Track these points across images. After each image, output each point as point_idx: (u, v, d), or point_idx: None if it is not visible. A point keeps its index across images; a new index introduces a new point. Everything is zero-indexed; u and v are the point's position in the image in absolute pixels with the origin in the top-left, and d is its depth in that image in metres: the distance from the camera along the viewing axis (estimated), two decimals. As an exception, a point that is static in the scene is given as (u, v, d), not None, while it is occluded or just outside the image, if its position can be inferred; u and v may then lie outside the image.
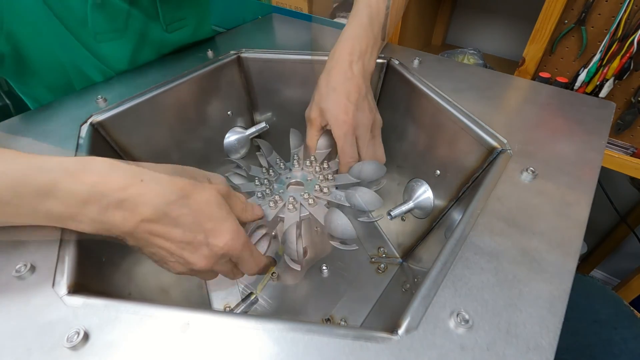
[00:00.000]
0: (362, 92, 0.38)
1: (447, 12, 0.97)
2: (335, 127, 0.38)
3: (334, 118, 0.38)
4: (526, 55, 0.67)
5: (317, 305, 0.46)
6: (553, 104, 0.41)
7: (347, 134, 0.37)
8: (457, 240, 0.26)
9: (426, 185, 0.45)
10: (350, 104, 0.37)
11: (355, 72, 0.39)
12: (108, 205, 0.23)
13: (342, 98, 0.37)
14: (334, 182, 0.38)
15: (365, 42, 0.40)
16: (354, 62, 0.39)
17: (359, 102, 0.38)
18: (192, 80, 0.46)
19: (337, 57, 0.39)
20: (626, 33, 0.57)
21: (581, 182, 0.31)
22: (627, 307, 0.53)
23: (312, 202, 0.35)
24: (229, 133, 0.54)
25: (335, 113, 0.37)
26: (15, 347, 0.20)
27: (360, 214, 0.35)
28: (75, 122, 0.38)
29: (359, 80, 0.39)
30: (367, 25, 0.41)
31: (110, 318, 0.22)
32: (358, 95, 0.38)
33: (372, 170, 0.37)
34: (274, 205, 0.35)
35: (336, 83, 0.38)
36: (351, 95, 0.38)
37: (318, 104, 0.40)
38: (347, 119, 0.37)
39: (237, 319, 0.22)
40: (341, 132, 0.37)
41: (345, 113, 0.37)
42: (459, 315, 0.21)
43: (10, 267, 0.24)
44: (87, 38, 0.43)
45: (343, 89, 0.38)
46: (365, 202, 0.34)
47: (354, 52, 0.39)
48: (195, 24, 0.53)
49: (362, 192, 0.34)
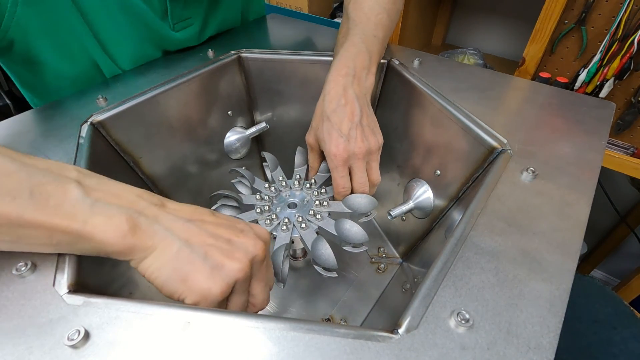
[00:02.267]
0: (355, 120, 0.37)
1: (447, 12, 0.98)
2: (328, 159, 0.38)
3: (326, 151, 0.38)
4: (526, 55, 0.67)
5: (317, 305, 0.46)
6: (553, 104, 0.41)
7: (338, 166, 0.38)
8: (457, 240, 0.26)
9: (426, 185, 0.45)
10: (341, 138, 0.37)
11: (350, 96, 0.38)
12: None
13: (334, 130, 0.37)
14: (328, 209, 0.39)
15: (361, 61, 0.40)
16: (348, 86, 0.38)
17: (350, 133, 0.37)
18: (192, 80, 0.46)
19: (331, 81, 0.39)
20: (626, 33, 0.57)
21: (581, 182, 0.31)
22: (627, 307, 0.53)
23: (304, 225, 0.37)
24: (229, 133, 0.54)
25: (328, 146, 0.37)
26: (16, 345, 0.21)
27: (345, 244, 0.37)
28: (75, 122, 0.38)
29: (353, 106, 0.38)
30: (359, 43, 0.41)
31: (110, 317, 0.22)
32: (350, 125, 0.37)
33: (364, 204, 0.39)
34: (270, 222, 0.37)
35: (330, 111, 0.38)
36: (343, 126, 0.37)
37: (314, 131, 0.40)
38: (337, 152, 0.37)
39: (237, 318, 0.22)
40: (332, 165, 0.38)
41: (336, 146, 0.37)
42: (459, 314, 0.21)
43: (10, 266, 0.24)
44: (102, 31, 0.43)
45: (336, 118, 0.37)
46: (352, 234, 0.36)
47: (348, 74, 0.39)
48: (201, 23, 0.53)
49: (350, 225, 0.36)
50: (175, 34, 0.50)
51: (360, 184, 0.39)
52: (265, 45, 0.53)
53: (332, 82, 0.39)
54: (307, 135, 0.42)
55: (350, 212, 0.39)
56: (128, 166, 0.42)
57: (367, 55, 0.40)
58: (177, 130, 0.47)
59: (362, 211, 0.39)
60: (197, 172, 0.51)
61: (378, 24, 0.43)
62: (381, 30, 0.44)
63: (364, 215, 0.41)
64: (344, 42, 0.41)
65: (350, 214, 0.39)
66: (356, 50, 0.40)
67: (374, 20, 0.43)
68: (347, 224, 0.36)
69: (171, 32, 0.49)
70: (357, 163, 0.38)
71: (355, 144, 0.37)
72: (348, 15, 0.44)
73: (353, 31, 0.42)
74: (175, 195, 0.49)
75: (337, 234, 0.36)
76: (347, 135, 0.37)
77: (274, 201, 0.40)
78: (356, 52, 0.40)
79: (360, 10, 0.44)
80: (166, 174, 0.47)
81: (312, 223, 0.38)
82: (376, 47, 0.42)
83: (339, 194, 0.39)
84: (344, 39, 0.42)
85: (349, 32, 0.42)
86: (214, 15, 0.55)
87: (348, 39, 0.41)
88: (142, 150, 0.43)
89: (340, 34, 0.45)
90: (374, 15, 0.43)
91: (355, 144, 0.37)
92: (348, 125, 0.37)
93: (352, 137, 0.37)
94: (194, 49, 0.54)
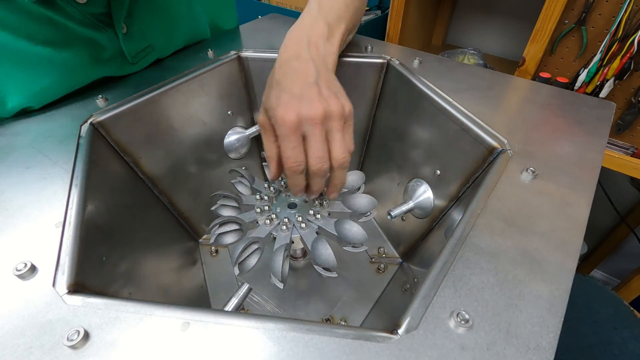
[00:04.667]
0: (309, 80, 0.32)
1: (447, 12, 0.98)
2: (276, 128, 0.31)
3: (274, 117, 0.31)
4: (526, 55, 0.67)
5: (317, 305, 0.46)
6: (553, 104, 0.41)
7: (289, 134, 0.31)
8: (457, 240, 0.26)
9: (426, 185, 0.45)
10: (292, 100, 0.31)
11: (303, 58, 0.33)
12: None
13: (284, 93, 0.31)
14: (328, 209, 0.39)
15: (317, 29, 0.37)
16: (303, 50, 0.34)
17: (304, 93, 0.31)
18: (192, 80, 0.46)
19: (284, 49, 0.35)
20: (626, 33, 0.57)
21: (581, 182, 0.31)
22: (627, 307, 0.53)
23: (304, 225, 0.37)
24: (229, 133, 0.54)
25: (275, 111, 0.31)
26: (16, 345, 0.21)
27: (345, 244, 0.37)
28: (75, 122, 0.38)
29: (307, 66, 0.33)
30: (316, 14, 0.38)
31: (110, 317, 0.22)
32: (303, 85, 0.31)
33: (363, 204, 0.39)
34: (270, 222, 0.37)
35: (280, 75, 0.33)
36: (295, 87, 0.31)
37: (263, 104, 0.34)
38: (286, 115, 0.30)
39: (237, 318, 0.22)
40: (281, 132, 0.31)
41: (284, 109, 0.30)
42: (459, 315, 0.21)
43: (10, 266, 0.24)
44: None
45: (287, 81, 0.32)
46: (352, 234, 0.35)
47: (302, 40, 0.35)
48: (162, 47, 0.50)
49: (350, 225, 0.36)
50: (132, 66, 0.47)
51: (316, 158, 0.31)
52: (265, 45, 0.53)
53: (282, 48, 0.35)
54: (258, 115, 0.35)
55: (350, 212, 0.39)
56: (128, 166, 0.42)
57: (323, 24, 0.37)
58: (177, 130, 0.47)
59: (362, 211, 0.39)
60: (197, 172, 0.51)
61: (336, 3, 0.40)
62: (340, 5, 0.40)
63: (364, 215, 0.41)
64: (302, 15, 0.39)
65: (350, 214, 0.39)
66: (312, 20, 0.37)
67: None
68: (347, 224, 0.36)
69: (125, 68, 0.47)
70: (313, 130, 0.31)
71: (309, 105, 0.30)
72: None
73: (311, 4, 0.39)
74: (175, 195, 0.49)
75: (337, 233, 0.36)
76: (300, 96, 0.31)
77: (274, 201, 0.40)
78: (312, 21, 0.37)
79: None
80: (166, 174, 0.47)
81: (312, 223, 0.38)
82: (335, 16, 0.39)
83: (291, 171, 0.32)
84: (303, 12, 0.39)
85: (308, 6, 0.40)
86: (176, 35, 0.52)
87: (305, 10, 0.39)
88: (142, 150, 0.43)
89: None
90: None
91: (310, 105, 0.30)
92: (300, 85, 0.32)
93: (305, 97, 0.31)
94: (193, 49, 0.54)
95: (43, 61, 0.39)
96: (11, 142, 0.36)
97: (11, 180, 0.32)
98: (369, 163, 0.58)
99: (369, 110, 0.53)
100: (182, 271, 0.45)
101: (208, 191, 0.53)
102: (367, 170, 0.58)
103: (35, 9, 0.36)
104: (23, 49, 0.37)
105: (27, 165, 0.33)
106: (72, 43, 0.40)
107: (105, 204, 0.33)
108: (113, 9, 0.41)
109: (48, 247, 0.26)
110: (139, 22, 0.45)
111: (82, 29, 0.40)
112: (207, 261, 0.51)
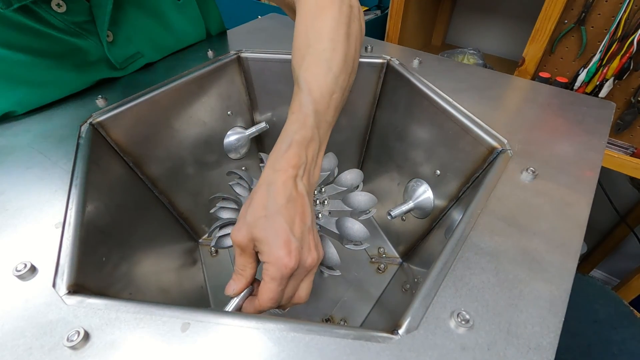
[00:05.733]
0: (307, 222, 0.30)
1: (447, 12, 0.98)
2: (269, 267, 0.29)
3: (271, 255, 0.28)
4: (526, 55, 0.67)
5: (317, 305, 0.46)
6: (553, 104, 0.41)
7: (283, 278, 0.29)
8: (457, 240, 0.26)
9: (426, 185, 0.45)
10: (294, 241, 0.28)
11: (300, 192, 0.31)
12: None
13: (283, 231, 0.28)
14: (328, 208, 0.39)
15: (312, 150, 0.33)
16: (299, 177, 0.31)
17: (304, 238, 0.30)
18: (192, 80, 0.46)
19: (280, 170, 0.31)
20: (626, 33, 0.57)
21: (581, 182, 0.31)
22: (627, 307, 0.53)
23: None
24: (229, 133, 0.54)
25: (274, 250, 0.28)
26: (16, 346, 0.20)
27: (347, 242, 0.37)
28: (75, 122, 0.38)
29: (304, 202, 0.31)
30: (313, 126, 0.34)
31: (110, 318, 0.22)
32: (303, 227, 0.30)
33: (363, 202, 0.39)
34: None
35: (279, 206, 0.29)
36: (296, 227, 0.29)
37: (250, 228, 0.29)
38: (289, 260, 0.28)
39: (237, 318, 0.22)
40: (275, 274, 0.28)
41: (287, 252, 0.28)
42: (459, 315, 0.21)
43: (10, 267, 0.24)
44: None
45: (287, 216, 0.29)
46: (353, 232, 0.35)
47: (299, 165, 0.31)
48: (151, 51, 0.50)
49: (351, 223, 0.36)
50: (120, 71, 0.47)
51: (288, 298, 0.31)
52: (265, 45, 0.53)
53: (280, 171, 0.31)
54: (236, 232, 0.30)
55: (350, 210, 0.39)
56: (128, 166, 0.42)
57: (317, 144, 0.34)
58: (177, 131, 0.47)
59: (362, 209, 0.39)
60: (197, 172, 0.51)
61: (331, 105, 0.36)
62: (333, 112, 0.37)
63: (364, 213, 0.41)
64: (295, 121, 0.34)
65: (350, 212, 0.39)
66: (309, 137, 0.33)
67: (328, 99, 0.36)
68: (348, 222, 0.36)
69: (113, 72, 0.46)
70: (300, 276, 0.31)
71: (308, 252, 0.30)
72: (299, 83, 0.36)
73: (306, 109, 0.34)
74: (175, 195, 0.49)
75: (338, 232, 0.36)
76: (301, 239, 0.29)
77: None
78: (309, 139, 0.33)
79: (314, 81, 0.36)
80: (166, 174, 0.47)
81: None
82: (326, 134, 0.36)
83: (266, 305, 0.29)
84: (296, 115, 0.35)
85: (301, 107, 0.35)
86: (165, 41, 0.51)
87: (300, 117, 0.34)
88: (142, 151, 0.43)
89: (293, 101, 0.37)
90: (329, 94, 0.36)
91: (309, 253, 0.30)
92: (301, 227, 0.30)
93: (305, 242, 0.30)
94: (193, 49, 0.54)
95: (26, 69, 0.39)
96: (11, 142, 0.36)
97: (11, 180, 0.32)
98: (369, 163, 0.58)
99: (369, 110, 0.53)
100: (182, 271, 0.45)
101: (208, 191, 0.53)
102: (367, 170, 0.58)
103: (16, 17, 0.36)
104: (5, 57, 0.37)
105: (27, 165, 0.33)
106: (56, 51, 0.40)
107: (105, 204, 0.33)
108: (96, 17, 0.41)
109: (48, 247, 0.26)
110: (126, 29, 0.45)
111: (65, 37, 0.40)
112: (207, 261, 0.51)
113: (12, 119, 0.40)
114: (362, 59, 0.49)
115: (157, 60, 0.51)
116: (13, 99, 0.39)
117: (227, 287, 0.32)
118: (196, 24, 0.54)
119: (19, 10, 0.35)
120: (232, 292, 0.31)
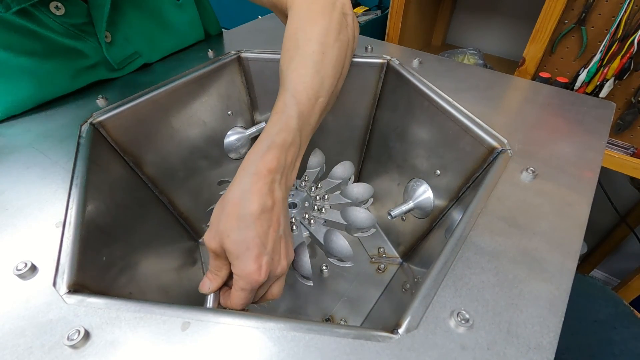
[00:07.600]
0: (279, 230, 0.30)
1: (447, 12, 0.98)
2: (240, 279, 0.29)
3: (240, 268, 0.28)
4: (526, 55, 0.67)
5: (317, 305, 0.46)
6: (553, 104, 0.41)
7: (254, 289, 0.29)
8: (457, 240, 0.26)
9: (426, 185, 0.45)
10: (264, 256, 0.28)
11: (276, 198, 0.30)
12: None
13: (255, 245, 0.28)
14: (329, 202, 0.40)
15: (293, 152, 0.32)
16: (276, 182, 0.30)
17: (275, 249, 0.29)
18: (192, 80, 0.46)
19: (255, 174, 0.29)
20: (626, 33, 0.57)
21: (581, 182, 0.31)
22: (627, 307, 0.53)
23: (312, 222, 0.37)
24: (229, 133, 0.54)
25: (244, 264, 0.28)
26: (16, 345, 0.21)
27: (355, 231, 0.38)
28: (75, 122, 0.38)
29: (279, 212, 0.30)
30: (295, 130, 0.33)
31: (110, 317, 0.22)
32: (275, 237, 0.29)
33: (361, 192, 0.40)
34: None
35: (254, 216, 0.28)
36: (268, 240, 0.29)
37: (223, 238, 0.29)
38: (259, 275, 0.28)
39: (237, 318, 0.22)
40: (245, 285, 0.29)
41: (257, 268, 0.28)
42: (459, 314, 0.22)
43: (10, 266, 0.24)
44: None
45: (260, 228, 0.28)
46: (360, 220, 0.36)
47: (277, 169, 0.30)
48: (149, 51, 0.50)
49: (357, 211, 0.37)
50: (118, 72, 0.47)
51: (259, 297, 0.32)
52: (265, 45, 0.53)
53: (257, 175, 0.29)
54: (209, 239, 0.30)
55: (349, 201, 0.40)
56: (128, 166, 0.42)
57: (297, 148, 0.33)
58: (177, 130, 0.47)
59: (361, 199, 0.40)
60: (197, 172, 0.51)
61: (316, 109, 0.36)
62: (318, 116, 0.36)
63: (363, 203, 0.42)
64: (277, 122, 0.33)
65: (350, 203, 0.40)
66: (290, 140, 0.32)
67: (314, 103, 0.35)
68: (354, 211, 0.37)
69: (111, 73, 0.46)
70: (269, 282, 0.31)
71: (278, 262, 0.30)
72: (285, 84, 0.35)
73: (290, 110, 0.34)
74: (175, 195, 0.49)
75: (345, 222, 0.36)
76: (271, 252, 0.29)
77: None
78: (290, 142, 0.32)
79: (301, 83, 0.35)
80: (166, 173, 0.47)
81: (318, 218, 0.38)
82: (308, 138, 0.36)
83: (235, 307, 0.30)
84: (279, 116, 0.33)
85: (285, 108, 0.34)
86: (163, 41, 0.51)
87: (283, 118, 0.33)
88: (142, 150, 0.43)
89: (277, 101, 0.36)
90: (315, 97, 0.35)
91: (279, 264, 0.30)
92: (273, 237, 0.29)
93: (275, 253, 0.30)
94: (193, 49, 0.54)
95: (26, 72, 0.39)
96: (11, 142, 0.36)
97: (11, 180, 0.32)
98: (369, 163, 0.58)
99: (369, 110, 0.53)
100: (182, 271, 0.45)
101: (208, 191, 0.53)
102: (367, 170, 0.58)
103: (14, 20, 0.36)
104: (4, 60, 0.37)
105: (27, 165, 0.33)
106: (55, 53, 0.40)
107: (105, 204, 0.33)
108: (94, 18, 0.41)
109: (48, 247, 0.26)
110: (124, 30, 0.45)
111: (64, 39, 0.40)
112: (207, 261, 0.51)
113: (12, 118, 0.40)
114: (362, 59, 0.49)
115: (156, 60, 0.51)
116: (13, 101, 0.40)
117: (202, 285, 0.32)
118: (194, 24, 0.55)
119: (18, 13, 0.35)
120: (207, 291, 0.32)
